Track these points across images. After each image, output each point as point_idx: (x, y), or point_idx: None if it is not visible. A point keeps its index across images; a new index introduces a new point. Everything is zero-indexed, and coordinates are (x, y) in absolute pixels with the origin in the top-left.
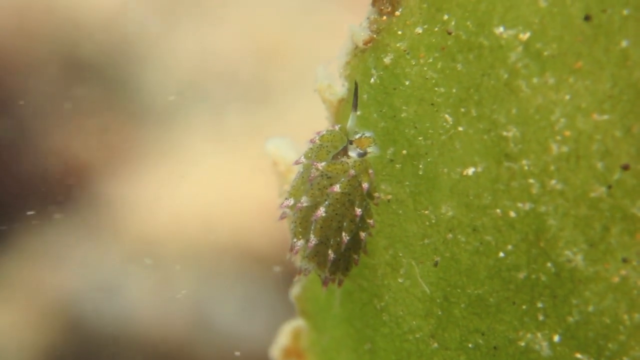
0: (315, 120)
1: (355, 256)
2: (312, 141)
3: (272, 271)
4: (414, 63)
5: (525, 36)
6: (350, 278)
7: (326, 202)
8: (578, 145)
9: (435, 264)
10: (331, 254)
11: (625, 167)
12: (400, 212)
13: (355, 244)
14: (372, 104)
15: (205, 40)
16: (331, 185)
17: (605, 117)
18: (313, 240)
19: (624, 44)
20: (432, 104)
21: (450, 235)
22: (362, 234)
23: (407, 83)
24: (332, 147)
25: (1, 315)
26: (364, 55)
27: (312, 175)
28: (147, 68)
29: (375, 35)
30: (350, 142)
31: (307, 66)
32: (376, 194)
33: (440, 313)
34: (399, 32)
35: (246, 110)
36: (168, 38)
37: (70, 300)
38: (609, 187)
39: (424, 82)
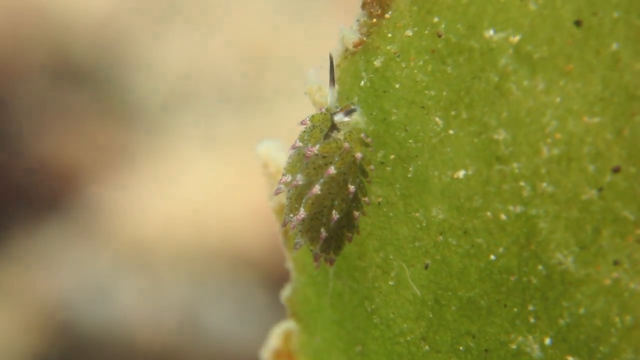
0: None
1: (349, 234)
2: (303, 123)
3: (264, 274)
4: (404, 66)
5: (515, 39)
6: (341, 280)
7: (321, 180)
8: (569, 148)
9: (426, 267)
10: (323, 232)
11: (616, 170)
12: (391, 214)
13: (349, 222)
14: (363, 106)
15: (195, 45)
16: (326, 164)
17: (597, 119)
18: (302, 214)
19: (614, 46)
20: (422, 107)
21: (441, 238)
22: (356, 213)
23: (397, 86)
24: (325, 127)
25: None
26: (354, 57)
27: (307, 156)
28: (138, 73)
29: (365, 38)
30: (332, 117)
31: (296, 71)
32: (370, 167)
33: (431, 316)
34: (389, 35)
35: (236, 114)
36: (158, 43)
37: (61, 304)
38: (600, 189)
39: (414, 85)
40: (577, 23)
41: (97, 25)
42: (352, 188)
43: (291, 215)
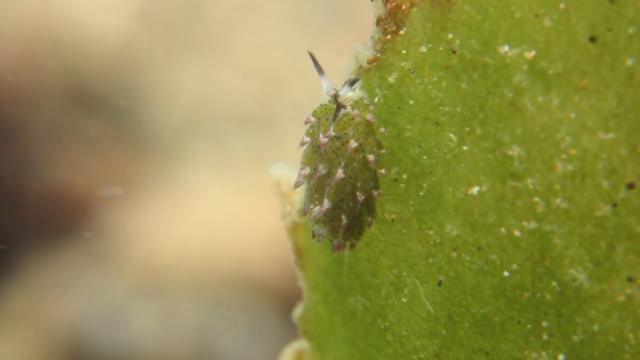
0: None
1: (369, 218)
2: (307, 122)
3: (277, 299)
4: (418, 82)
5: (530, 55)
6: (353, 298)
7: (342, 163)
8: (583, 164)
9: (440, 284)
10: (344, 219)
11: (631, 186)
12: (405, 231)
13: (369, 206)
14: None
15: (209, 71)
16: (344, 144)
17: (611, 135)
18: (327, 204)
19: (629, 62)
20: (436, 123)
21: (454, 255)
22: (375, 193)
23: (411, 102)
24: (330, 115)
25: (5, 347)
26: (368, 74)
27: (322, 143)
28: (151, 99)
29: (379, 55)
30: (336, 97)
31: (310, 95)
32: (382, 129)
33: (444, 333)
34: (403, 51)
35: (250, 140)
36: (172, 70)
37: (75, 332)
38: (615, 205)
39: (428, 101)
40: (592, 39)
41: (111, 53)
42: (371, 157)
43: (311, 207)
